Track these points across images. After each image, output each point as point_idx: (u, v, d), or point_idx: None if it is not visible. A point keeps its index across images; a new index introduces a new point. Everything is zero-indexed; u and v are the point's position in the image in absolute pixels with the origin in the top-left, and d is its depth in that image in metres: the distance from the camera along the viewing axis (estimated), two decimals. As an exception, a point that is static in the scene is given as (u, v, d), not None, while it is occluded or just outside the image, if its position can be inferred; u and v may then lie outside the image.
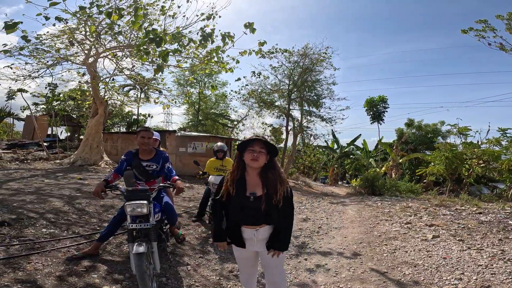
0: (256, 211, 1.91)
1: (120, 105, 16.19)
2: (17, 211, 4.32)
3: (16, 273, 2.56)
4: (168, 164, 3.26)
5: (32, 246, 3.16)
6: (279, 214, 1.93)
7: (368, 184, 12.21)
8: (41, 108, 21.42)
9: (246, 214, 1.95)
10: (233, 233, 2.02)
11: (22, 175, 8.37)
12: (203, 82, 21.83)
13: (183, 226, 4.60)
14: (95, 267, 2.89)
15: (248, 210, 1.93)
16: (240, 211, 1.95)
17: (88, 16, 7.00)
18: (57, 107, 17.90)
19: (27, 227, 3.74)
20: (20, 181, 7.24)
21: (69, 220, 4.25)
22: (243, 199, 1.91)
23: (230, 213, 2.00)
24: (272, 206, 1.89)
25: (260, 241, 1.98)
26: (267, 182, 1.91)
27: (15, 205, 4.67)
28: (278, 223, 1.96)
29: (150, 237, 2.48)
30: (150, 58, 7.97)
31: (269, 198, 1.88)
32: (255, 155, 1.89)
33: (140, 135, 3.13)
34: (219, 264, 3.40)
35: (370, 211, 7.23)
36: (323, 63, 15.52)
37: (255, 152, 1.90)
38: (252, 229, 1.96)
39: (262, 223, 1.95)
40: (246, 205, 1.92)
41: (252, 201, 1.90)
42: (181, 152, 12.27)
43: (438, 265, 3.60)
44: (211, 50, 6.22)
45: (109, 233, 3.10)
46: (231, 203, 1.97)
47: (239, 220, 1.98)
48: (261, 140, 1.94)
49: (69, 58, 10.16)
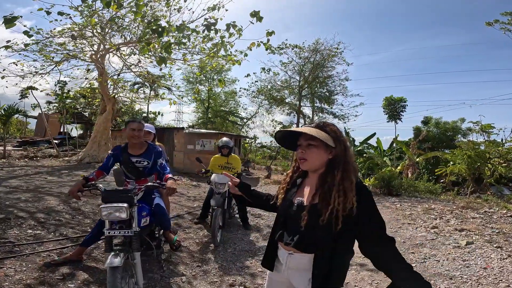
0: (295, 226, 1.28)
1: (130, 102, 16.07)
2: (7, 210, 4.05)
3: None
4: (161, 160, 2.83)
5: (10, 249, 2.83)
6: (335, 242, 1.21)
7: (384, 183, 11.55)
8: (53, 106, 21.66)
9: (284, 225, 1.36)
10: (269, 248, 1.43)
11: (26, 172, 8.23)
12: (212, 79, 21.54)
13: (184, 229, 4.19)
14: (73, 275, 2.52)
15: (288, 221, 1.34)
16: (281, 222, 1.37)
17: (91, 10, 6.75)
18: (68, 105, 17.96)
19: (12, 228, 3.44)
20: (22, 178, 7.06)
21: (60, 221, 3.93)
22: (289, 206, 1.35)
23: (274, 226, 1.43)
24: (318, 226, 1.20)
25: (291, 270, 1.32)
26: (321, 189, 1.27)
27: (7, 204, 4.41)
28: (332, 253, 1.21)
29: (132, 246, 2.09)
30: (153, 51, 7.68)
31: (316, 212, 1.22)
32: (301, 152, 1.32)
33: (129, 127, 2.73)
34: (218, 275, 2.94)
35: (389, 213, 6.66)
36: (335, 59, 14.97)
37: (301, 147, 1.32)
38: (286, 250, 1.33)
39: (295, 246, 1.28)
40: (289, 215, 1.33)
41: (294, 210, 1.31)
42: (189, 149, 11.97)
43: (478, 277, 3.07)
44: (217, 43, 5.89)
45: (93, 238, 2.71)
46: (278, 211, 1.42)
47: (277, 233, 1.38)
48: (305, 130, 1.28)
49: (76, 54, 10.01)
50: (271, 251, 1.41)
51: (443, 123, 20.94)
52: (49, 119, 19.28)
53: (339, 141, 1.29)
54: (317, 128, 1.30)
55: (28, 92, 13.76)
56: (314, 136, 1.25)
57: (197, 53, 7.25)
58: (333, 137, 1.29)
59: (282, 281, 1.39)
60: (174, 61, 8.56)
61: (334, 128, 1.32)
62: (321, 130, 1.29)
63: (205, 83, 21.46)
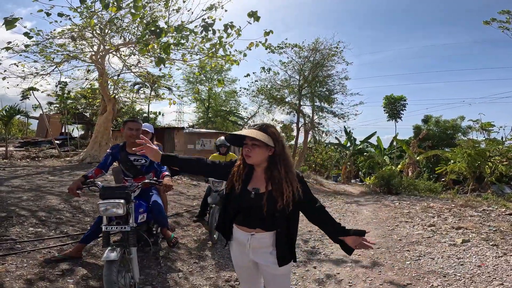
0: (256, 212, 1.57)
1: (130, 103, 16.15)
2: (9, 209, 4.11)
3: None
4: None
5: (12, 246, 2.90)
6: (288, 222, 1.59)
7: (384, 182, 11.60)
8: (54, 107, 21.75)
9: (243, 213, 1.62)
10: (225, 229, 1.70)
11: (28, 172, 8.29)
12: (212, 79, 21.58)
13: (183, 226, 4.25)
14: (73, 271, 2.58)
15: (247, 209, 1.60)
16: (238, 208, 1.63)
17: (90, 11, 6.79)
18: (69, 105, 18.04)
19: (14, 225, 3.50)
20: (24, 178, 7.12)
21: (61, 219, 3.99)
22: (244, 194, 1.59)
23: (227, 208, 1.69)
24: (276, 211, 1.54)
25: (255, 250, 1.61)
26: (272, 180, 1.57)
27: (9, 202, 4.47)
28: (287, 229, 1.60)
29: (128, 241, 2.15)
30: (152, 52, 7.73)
31: (273, 199, 1.54)
32: (247, 150, 1.57)
33: (127, 127, 2.81)
34: (215, 271, 3.00)
35: (388, 211, 6.69)
36: (334, 58, 14.98)
37: (246, 146, 1.58)
38: (247, 232, 1.61)
39: (259, 227, 1.59)
40: (246, 202, 1.59)
41: (253, 197, 1.57)
42: (189, 149, 12.03)
43: (472, 275, 3.10)
44: (215, 43, 5.93)
45: (92, 234, 2.77)
46: (230, 198, 1.66)
47: (234, 218, 1.66)
48: (249, 134, 1.55)
49: (77, 55, 10.07)
50: (227, 227, 1.69)
51: (443, 122, 20.90)
52: (51, 120, 19.38)
53: (277, 141, 1.58)
54: (260, 130, 1.57)
55: (29, 93, 13.84)
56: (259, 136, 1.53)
57: (196, 53, 7.30)
58: (273, 138, 1.57)
59: (248, 265, 1.68)
60: (174, 62, 8.61)
61: (274, 130, 1.61)
62: (263, 132, 1.56)
63: (205, 83, 21.50)
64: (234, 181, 1.61)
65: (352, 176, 23.82)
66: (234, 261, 1.74)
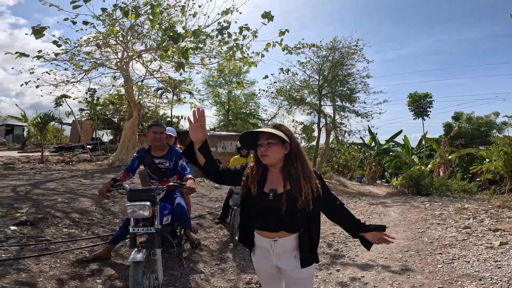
0: (274, 213, 1.51)
1: (154, 107, 16.74)
2: (45, 211, 4.36)
3: (20, 274, 2.44)
4: (181, 161, 2.98)
5: (47, 247, 3.07)
6: (309, 221, 1.54)
7: (413, 183, 11.09)
8: (85, 113, 23.04)
9: (263, 217, 1.56)
10: (246, 238, 1.65)
11: (62, 175, 8.80)
12: (231, 82, 21.82)
13: (205, 228, 4.31)
14: (101, 271, 2.69)
15: (266, 211, 1.54)
16: (256, 212, 1.57)
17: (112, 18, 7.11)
18: (99, 111, 19.03)
19: (50, 226, 3.71)
20: (59, 181, 7.56)
21: (92, 220, 4.18)
22: (261, 196, 1.53)
23: (245, 213, 1.64)
24: (297, 210, 1.48)
25: (279, 255, 1.56)
26: (289, 179, 1.52)
27: (45, 204, 4.74)
28: (309, 230, 1.55)
29: (154, 243, 2.21)
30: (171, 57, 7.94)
31: (292, 198, 1.48)
32: (262, 150, 1.53)
33: (151, 131, 2.91)
34: (236, 274, 3.01)
35: (417, 213, 6.39)
36: (354, 56, 14.62)
37: (262, 146, 1.54)
38: (270, 238, 1.55)
39: (281, 229, 1.53)
40: (263, 204, 1.53)
41: (271, 199, 1.51)
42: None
43: (510, 278, 2.89)
44: (232, 46, 6.00)
45: (120, 236, 2.89)
46: (247, 202, 1.60)
47: (254, 224, 1.60)
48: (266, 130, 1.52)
49: (103, 62, 10.57)
50: (249, 235, 1.64)
51: (476, 118, 19.64)
52: (82, 126, 20.57)
53: (292, 139, 1.56)
54: (274, 128, 1.55)
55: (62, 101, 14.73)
56: (273, 135, 1.50)
57: (214, 57, 7.42)
58: (287, 135, 1.54)
59: (271, 270, 1.63)
60: (193, 66, 8.80)
61: (286, 128, 1.60)
62: (277, 129, 1.54)
63: (224, 86, 21.78)
64: (249, 184, 1.57)
65: (378, 177, 23.02)
66: (256, 266, 1.70)
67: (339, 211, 1.61)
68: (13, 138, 27.86)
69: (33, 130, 15.46)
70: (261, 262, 1.63)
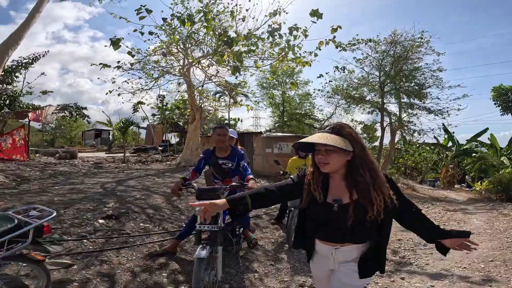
0: (339, 225, 1.39)
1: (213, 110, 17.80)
2: (126, 206, 4.99)
3: (102, 266, 2.80)
4: (243, 162, 3.12)
5: (126, 240, 3.50)
6: (379, 232, 1.42)
7: (502, 188, 9.55)
8: (156, 118, 25.74)
9: (325, 227, 1.44)
10: (305, 244, 1.59)
11: (140, 174, 9.99)
12: (284, 83, 21.79)
13: (261, 228, 4.44)
14: (167, 265, 2.95)
15: (329, 222, 1.42)
16: (318, 223, 1.46)
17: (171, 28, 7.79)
18: (167, 116, 21.09)
19: (129, 221, 4.22)
20: (137, 179, 8.58)
21: (163, 216, 4.66)
22: (324, 207, 1.41)
23: (304, 221, 1.54)
24: (365, 221, 1.36)
25: (340, 263, 1.45)
26: (356, 188, 1.37)
27: (126, 200, 5.41)
28: (377, 240, 1.44)
29: (216, 241, 2.35)
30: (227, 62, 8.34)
31: (361, 209, 1.35)
32: (321, 157, 1.37)
33: (216, 132, 3.12)
34: (289, 275, 3.03)
35: (507, 221, 5.52)
36: (420, 49, 13.20)
37: (320, 152, 1.38)
38: (331, 246, 1.45)
39: (346, 241, 1.42)
40: (327, 215, 1.42)
41: (335, 210, 1.38)
42: (267, 152, 12.40)
43: None
44: (283, 47, 6.04)
45: (186, 232, 3.16)
46: (308, 211, 1.50)
47: (315, 233, 1.50)
48: (322, 140, 1.34)
49: (169, 70, 11.69)
50: (306, 243, 1.56)
51: None
52: (155, 129, 23.06)
53: (356, 142, 1.37)
54: (333, 133, 1.37)
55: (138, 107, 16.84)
56: None
57: (267, 59, 7.58)
58: (349, 139, 1.36)
59: (327, 275, 1.53)
60: (247, 68, 9.10)
61: (349, 130, 1.40)
62: (337, 134, 1.36)
63: (278, 87, 21.87)
64: (313, 191, 1.42)
65: (456, 181, 20.27)
66: (314, 273, 1.64)
67: (416, 218, 1.46)
68: (101, 141, 32.98)
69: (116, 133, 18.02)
70: (319, 269, 1.56)
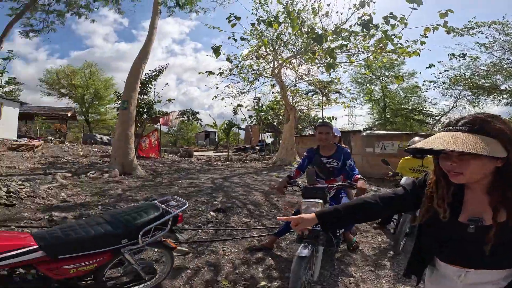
0: (473, 247, 1.05)
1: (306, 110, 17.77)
2: (231, 200, 5.52)
3: (210, 255, 3.14)
4: (350, 161, 2.96)
5: (231, 233, 3.86)
6: None
7: None
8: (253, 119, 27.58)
9: (453, 249, 1.11)
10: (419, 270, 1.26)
11: (241, 172, 10.93)
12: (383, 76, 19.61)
13: (361, 232, 4.21)
14: (264, 260, 3.08)
15: (458, 243, 1.08)
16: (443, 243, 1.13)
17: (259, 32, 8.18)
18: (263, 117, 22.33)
19: (234, 215, 4.66)
20: (238, 176, 9.40)
21: (262, 212, 4.98)
22: (454, 226, 1.08)
23: (423, 242, 1.22)
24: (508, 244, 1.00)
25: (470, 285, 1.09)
26: (507, 206, 0.98)
27: (231, 195, 5.91)
28: None
29: (318, 240, 2.27)
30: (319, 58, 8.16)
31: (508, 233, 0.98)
32: (451, 165, 0.99)
33: (318, 131, 3.06)
34: (391, 283, 2.73)
35: None
36: None
37: (449, 158, 0.99)
38: (459, 268, 1.10)
39: (482, 267, 1.05)
40: (458, 237, 1.08)
41: (471, 232, 1.04)
42: (367, 152, 11.49)
43: None
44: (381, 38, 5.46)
45: (285, 229, 3.26)
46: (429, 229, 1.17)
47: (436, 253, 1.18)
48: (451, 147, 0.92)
49: (261, 73, 12.37)
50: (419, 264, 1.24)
51: None
52: (252, 130, 24.81)
53: (511, 142, 0.92)
54: (471, 132, 0.93)
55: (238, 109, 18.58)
56: None
57: (361, 52, 7.05)
58: (500, 139, 0.92)
59: None
60: (340, 64, 8.70)
61: (499, 125, 0.93)
62: (478, 133, 0.92)
63: (376, 82, 19.88)
64: (436, 207, 1.10)
65: None
66: None
67: None
68: (209, 141, 37.94)
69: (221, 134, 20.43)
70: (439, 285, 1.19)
